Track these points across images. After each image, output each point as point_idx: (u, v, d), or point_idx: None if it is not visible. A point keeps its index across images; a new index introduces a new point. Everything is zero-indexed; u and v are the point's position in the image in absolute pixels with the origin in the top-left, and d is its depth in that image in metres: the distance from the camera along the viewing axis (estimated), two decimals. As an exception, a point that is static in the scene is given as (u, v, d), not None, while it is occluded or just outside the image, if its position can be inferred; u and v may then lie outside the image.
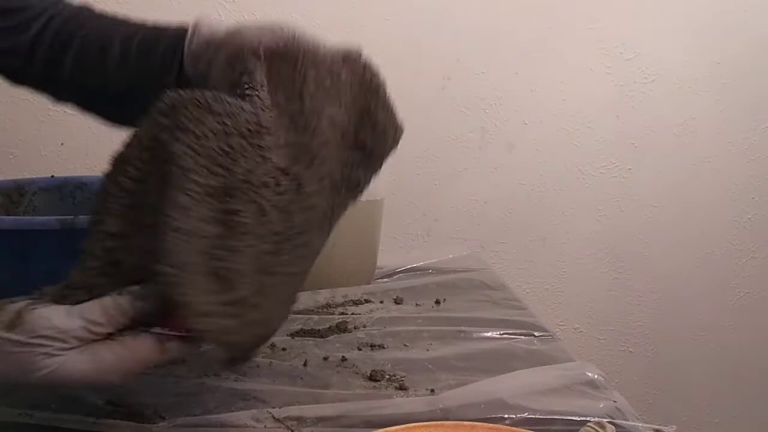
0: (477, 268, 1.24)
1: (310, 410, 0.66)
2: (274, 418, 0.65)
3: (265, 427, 0.64)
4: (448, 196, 1.39)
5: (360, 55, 0.63)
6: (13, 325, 0.49)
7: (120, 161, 0.55)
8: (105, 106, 0.72)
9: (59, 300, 0.53)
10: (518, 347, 0.86)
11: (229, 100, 0.56)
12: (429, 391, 0.72)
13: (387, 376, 0.76)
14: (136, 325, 0.52)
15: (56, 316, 0.50)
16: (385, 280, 1.17)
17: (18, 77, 0.73)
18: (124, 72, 0.68)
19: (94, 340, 0.51)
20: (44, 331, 0.49)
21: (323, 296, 1.04)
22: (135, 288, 0.52)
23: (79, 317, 0.51)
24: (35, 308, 0.51)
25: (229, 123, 0.55)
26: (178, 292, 0.51)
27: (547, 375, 0.74)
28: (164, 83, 0.63)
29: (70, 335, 0.50)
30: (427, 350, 0.84)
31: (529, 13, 1.36)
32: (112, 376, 0.52)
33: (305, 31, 0.61)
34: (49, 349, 0.49)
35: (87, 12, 0.74)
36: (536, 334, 0.90)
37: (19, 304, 0.51)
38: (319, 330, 0.90)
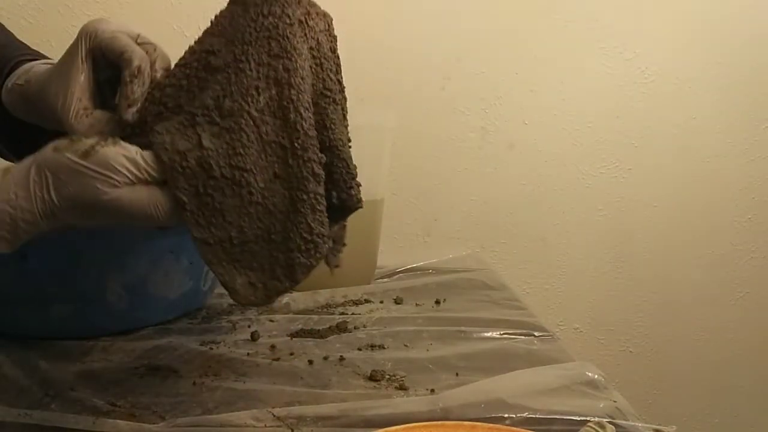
0: (477, 268, 1.24)
1: (311, 410, 0.66)
2: (274, 416, 0.65)
3: (265, 426, 0.64)
4: (448, 196, 1.39)
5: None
6: (87, 154, 0.57)
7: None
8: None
9: (125, 139, 0.60)
10: (518, 347, 0.86)
11: None
12: (429, 391, 0.72)
13: (387, 376, 0.76)
14: None
15: (125, 152, 0.58)
16: (385, 280, 1.17)
17: None
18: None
19: (148, 182, 0.59)
20: (114, 164, 0.57)
21: (323, 296, 1.04)
22: None
23: (141, 159, 0.58)
24: (106, 145, 0.58)
25: None
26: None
27: (547, 375, 0.74)
28: None
29: (132, 172, 0.58)
30: (427, 350, 0.84)
31: (529, 13, 1.36)
32: (162, 214, 0.59)
33: None
34: (114, 181, 0.57)
35: None
36: (536, 334, 0.90)
37: (92, 139, 0.58)
38: (319, 330, 0.90)
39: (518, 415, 0.66)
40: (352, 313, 0.99)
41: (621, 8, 1.38)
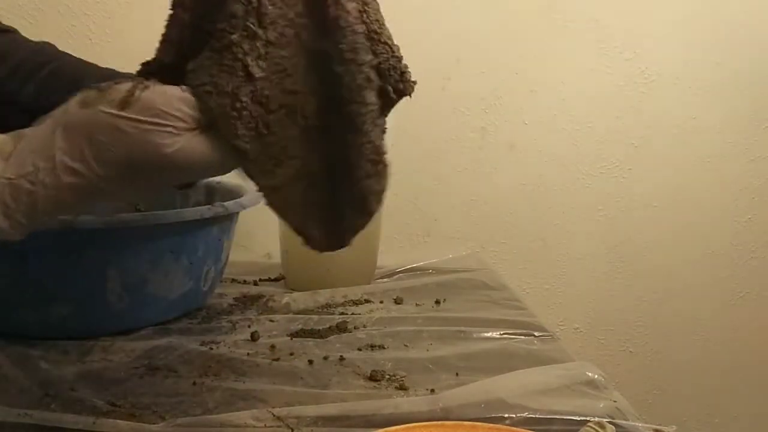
0: (477, 268, 1.24)
1: (311, 410, 0.66)
2: (274, 416, 0.65)
3: (265, 426, 0.64)
4: (448, 196, 1.39)
5: None
6: (125, 103, 0.46)
7: None
8: None
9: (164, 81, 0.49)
10: (518, 347, 0.86)
11: None
12: (429, 391, 0.72)
13: (387, 376, 0.76)
14: None
15: (174, 92, 0.48)
16: (385, 280, 1.17)
17: None
18: None
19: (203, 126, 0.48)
20: (165, 107, 0.47)
21: (323, 296, 1.04)
22: None
23: (192, 97, 0.48)
24: (147, 87, 0.47)
25: None
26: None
27: (547, 375, 0.74)
28: None
29: (189, 114, 0.48)
30: (427, 350, 0.85)
31: (529, 13, 1.36)
32: (227, 160, 0.50)
33: None
34: (171, 128, 0.47)
35: (52, 48, 0.73)
36: (536, 334, 0.90)
37: (127, 83, 0.48)
38: (319, 330, 0.90)
39: (518, 415, 0.66)
40: (352, 313, 0.99)
41: (621, 8, 1.38)
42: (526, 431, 0.61)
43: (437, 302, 1.04)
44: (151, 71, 0.52)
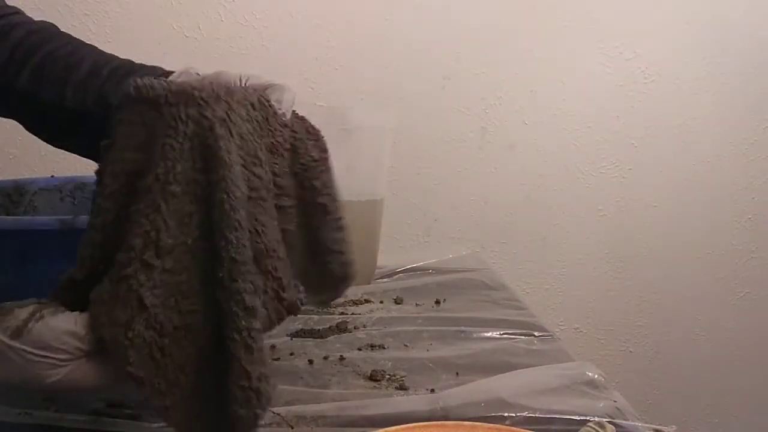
0: (477, 268, 1.24)
1: (311, 409, 0.66)
2: (274, 414, 0.65)
3: (265, 424, 0.64)
4: (448, 196, 1.39)
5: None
6: (18, 332, 0.49)
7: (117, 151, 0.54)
8: (54, 125, 0.70)
9: (66, 302, 0.52)
10: (518, 347, 0.86)
11: None
12: (429, 391, 0.72)
13: (387, 376, 0.76)
14: None
15: (63, 327, 0.50)
16: (385, 280, 1.17)
17: None
18: (87, 93, 0.66)
19: (101, 349, 0.51)
20: (52, 342, 0.49)
21: (323, 296, 1.04)
22: None
23: (84, 327, 0.50)
24: (42, 317, 0.50)
25: None
26: None
27: (547, 375, 0.74)
28: None
29: (76, 346, 0.50)
30: (427, 350, 0.84)
31: (529, 13, 1.36)
32: (118, 384, 0.52)
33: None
34: (55, 360, 0.49)
35: (53, 28, 0.73)
36: (536, 334, 0.90)
37: (27, 309, 0.51)
38: (319, 330, 0.90)
39: (518, 414, 0.66)
40: (352, 313, 0.99)
41: (621, 8, 1.38)
42: (526, 431, 0.61)
43: (437, 302, 1.04)
44: (64, 287, 0.54)
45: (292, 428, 0.64)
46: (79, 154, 0.72)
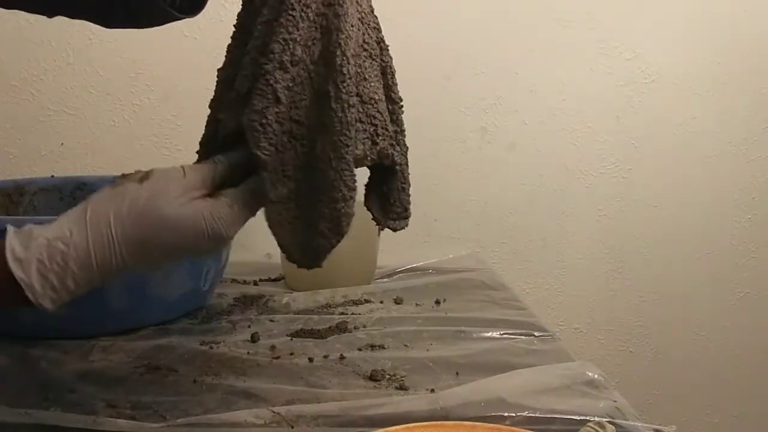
0: (477, 268, 1.24)
1: (311, 408, 0.66)
2: (274, 413, 0.65)
3: (265, 423, 0.64)
4: (448, 196, 1.39)
5: None
6: (144, 178, 0.57)
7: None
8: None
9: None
10: (518, 347, 0.86)
11: None
12: (429, 391, 0.72)
13: (387, 376, 0.76)
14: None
15: (175, 169, 0.58)
16: (385, 280, 1.17)
17: None
18: None
19: (194, 198, 0.57)
20: (168, 179, 0.57)
21: (323, 296, 1.05)
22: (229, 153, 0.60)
23: (193, 173, 0.58)
24: (154, 170, 0.58)
25: None
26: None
27: (547, 375, 0.74)
28: None
29: (190, 185, 0.57)
30: (427, 350, 0.85)
31: (529, 13, 1.36)
32: (224, 226, 0.57)
33: None
34: (171, 197, 0.56)
35: None
36: (536, 334, 0.90)
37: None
38: (319, 330, 0.90)
39: (518, 414, 0.66)
40: (352, 313, 0.99)
41: (621, 8, 1.38)
42: (526, 431, 0.61)
43: (437, 302, 1.04)
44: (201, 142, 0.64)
45: (292, 428, 0.64)
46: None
